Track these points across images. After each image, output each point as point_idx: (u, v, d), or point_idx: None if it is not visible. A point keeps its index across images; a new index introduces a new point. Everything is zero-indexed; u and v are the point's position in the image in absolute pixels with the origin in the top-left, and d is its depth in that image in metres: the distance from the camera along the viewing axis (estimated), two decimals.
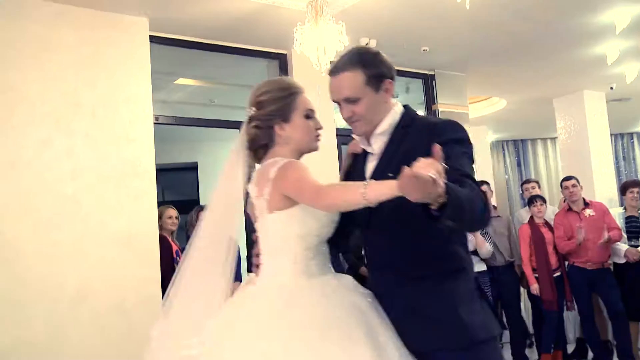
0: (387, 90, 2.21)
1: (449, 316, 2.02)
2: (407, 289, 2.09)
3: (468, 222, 1.97)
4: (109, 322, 5.16)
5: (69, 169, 5.18)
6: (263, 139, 2.29)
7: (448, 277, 2.07)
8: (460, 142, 2.07)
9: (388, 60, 2.23)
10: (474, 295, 2.11)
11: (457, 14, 5.80)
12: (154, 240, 5.48)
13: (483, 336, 2.04)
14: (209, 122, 6.60)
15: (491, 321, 2.11)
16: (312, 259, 2.19)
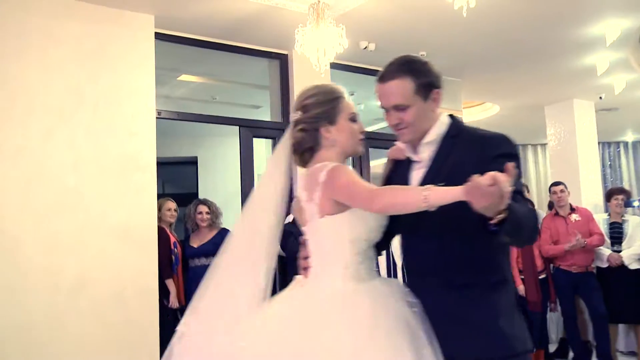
0: (435, 100, 2.18)
1: (491, 326, 2.00)
2: (450, 297, 2.05)
3: (523, 239, 2.00)
4: (107, 312, 5.12)
5: (71, 160, 5.14)
6: (309, 142, 2.26)
7: (492, 288, 2.06)
8: (511, 157, 1.97)
9: (436, 69, 2.21)
10: (514, 308, 2.10)
11: (455, 21, 5.79)
12: (152, 233, 5.44)
13: (520, 349, 2.03)
14: (210, 119, 6.57)
15: (527, 335, 2.09)
16: (361, 263, 2.15)
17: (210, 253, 5.56)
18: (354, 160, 7.28)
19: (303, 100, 2.30)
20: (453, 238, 2.05)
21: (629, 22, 6.62)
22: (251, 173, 6.48)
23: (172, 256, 5.57)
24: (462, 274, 2.05)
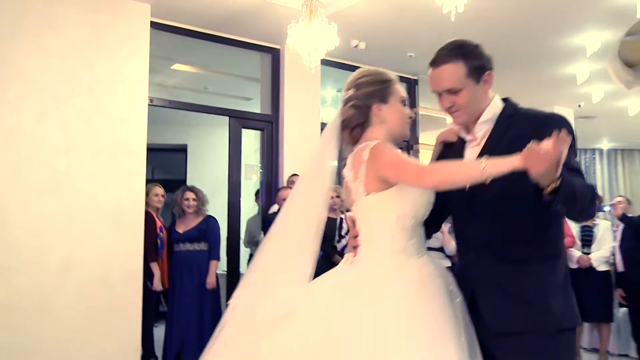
0: (487, 82, 2.16)
1: (539, 301, 1.99)
2: (503, 271, 2.04)
3: (578, 211, 1.95)
4: (93, 292, 5.10)
5: (63, 143, 5.10)
6: (360, 118, 2.24)
7: (545, 263, 2.04)
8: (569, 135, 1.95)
9: (487, 52, 2.19)
10: (566, 283, 2.08)
11: (442, 25, 5.76)
12: (139, 217, 5.41)
13: (566, 325, 2.02)
14: (201, 108, 6.54)
15: (575, 311, 2.07)
16: (409, 240, 2.13)
17: (195, 239, 5.57)
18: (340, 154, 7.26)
19: (357, 80, 2.29)
20: (506, 214, 2.04)
21: (608, 35, 6.69)
22: (239, 163, 6.45)
23: (157, 240, 5.54)
24: (515, 249, 2.04)
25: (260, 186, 6.82)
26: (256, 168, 6.99)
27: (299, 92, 6.64)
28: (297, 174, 6.15)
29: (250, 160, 7.33)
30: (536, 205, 1.90)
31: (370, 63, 7.34)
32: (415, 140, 7.84)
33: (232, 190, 6.39)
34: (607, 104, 9.04)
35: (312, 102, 6.75)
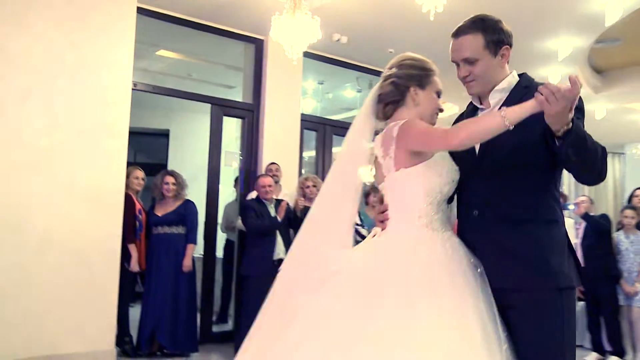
0: (504, 56, 2.20)
1: (539, 259, 2.02)
2: (505, 230, 2.07)
3: (589, 163, 1.95)
4: (70, 272, 5.06)
5: (46, 122, 5.03)
6: (395, 95, 2.27)
7: (543, 226, 2.07)
8: (578, 110, 1.98)
9: (508, 28, 2.22)
10: (564, 247, 2.10)
11: (422, 23, 5.78)
12: (119, 198, 5.37)
13: (565, 284, 2.04)
14: (184, 94, 6.48)
15: (573, 272, 2.10)
16: (435, 214, 2.16)
17: (173, 222, 5.53)
18: (316, 142, 7.26)
19: (402, 60, 2.31)
20: (510, 177, 2.09)
21: (580, 41, 6.78)
22: (219, 150, 6.41)
23: (136, 222, 5.49)
24: (517, 210, 2.07)
25: (239, 173, 6.79)
26: (236, 155, 6.95)
27: (280, 82, 6.61)
28: (275, 163, 6.14)
29: (231, 148, 7.29)
30: (540, 169, 2.01)
31: (351, 57, 7.38)
32: None
33: (211, 176, 6.35)
34: None
35: (293, 93, 6.73)
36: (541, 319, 2.01)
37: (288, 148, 6.61)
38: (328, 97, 8.91)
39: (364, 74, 7.82)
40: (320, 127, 7.29)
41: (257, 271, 5.38)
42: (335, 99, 9.00)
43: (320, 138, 7.28)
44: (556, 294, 2.03)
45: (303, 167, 7.12)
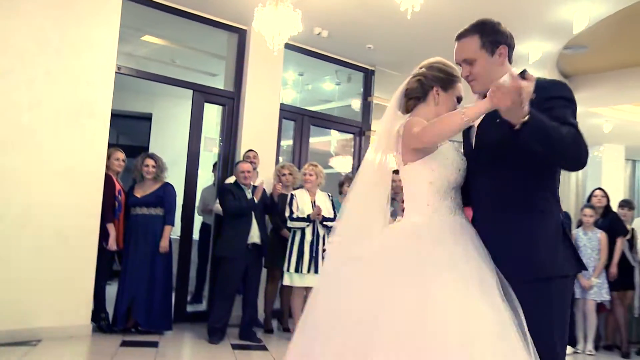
0: (502, 55, 2.25)
1: (525, 250, 2.08)
2: (498, 222, 2.16)
3: (558, 151, 1.97)
4: (49, 248, 5.03)
5: (27, 100, 4.97)
6: (419, 92, 2.41)
7: (534, 216, 2.12)
8: (563, 98, 2.08)
9: (507, 30, 2.29)
10: (556, 236, 2.12)
11: (400, 22, 5.79)
12: (99, 178, 5.33)
13: (551, 273, 2.08)
14: (167, 80, 6.41)
15: (566, 261, 2.12)
16: (443, 201, 2.27)
17: (152, 204, 5.50)
18: (294, 132, 7.27)
19: (431, 63, 2.46)
20: (503, 170, 2.17)
21: (549, 46, 6.87)
22: (199, 135, 6.38)
23: (115, 202, 5.44)
24: (509, 202, 2.15)
25: (218, 158, 6.77)
26: (216, 141, 6.92)
27: (261, 72, 6.59)
28: (253, 150, 6.13)
29: (211, 134, 7.26)
30: (530, 161, 2.06)
31: (332, 51, 7.38)
32: (368, 127, 7.89)
33: (190, 160, 6.32)
34: None
35: (274, 83, 6.71)
36: (530, 308, 2.02)
37: (266, 136, 6.60)
38: (307, 89, 8.90)
39: (343, 67, 7.83)
40: (299, 117, 7.29)
41: (232, 253, 5.40)
42: (314, 91, 8.99)
43: (298, 128, 7.28)
44: (543, 284, 2.06)
45: (280, 155, 7.12)
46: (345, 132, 8.09)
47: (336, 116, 7.98)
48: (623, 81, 8.49)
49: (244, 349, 5.16)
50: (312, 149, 7.70)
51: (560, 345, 2.11)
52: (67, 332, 5.07)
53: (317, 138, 8.53)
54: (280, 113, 6.83)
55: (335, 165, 8.93)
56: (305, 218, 5.50)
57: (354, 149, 7.97)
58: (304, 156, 7.24)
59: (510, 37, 2.30)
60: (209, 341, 5.30)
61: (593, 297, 6.20)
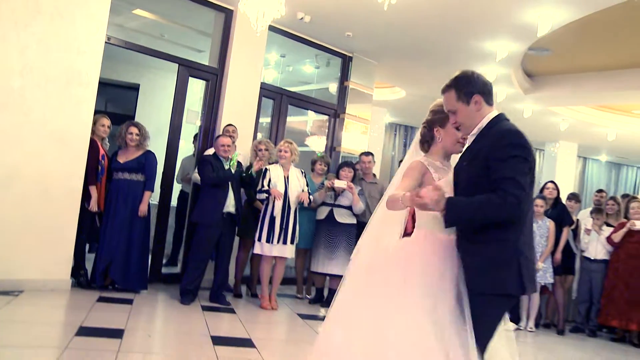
0: (477, 103, 2.44)
1: (477, 270, 2.35)
2: (464, 247, 2.44)
3: (483, 223, 2.31)
4: (33, 206, 5.00)
5: (19, 66, 4.90)
6: (427, 136, 2.76)
7: (491, 244, 2.33)
8: (514, 147, 2.29)
9: (481, 79, 2.48)
10: (509, 261, 2.30)
11: (378, 13, 5.82)
12: (85, 142, 5.28)
13: (487, 291, 2.33)
14: (154, 53, 6.32)
15: (506, 282, 2.31)
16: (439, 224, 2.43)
17: (134, 170, 5.46)
18: (273, 110, 7.24)
19: (432, 109, 2.76)
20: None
21: (515, 46, 6.93)
22: (182, 107, 6.33)
23: (98, 166, 5.39)
24: (473, 232, 2.38)
25: (199, 131, 6.72)
26: (198, 114, 6.87)
27: (245, 51, 6.53)
28: (233, 124, 6.10)
29: (194, 107, 7.19)
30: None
31: (313, 36, 7.34)
32: (343, 110, 7.90)
33: (172, 130, 6.28)
34: (507, 105, 9.37)
35: (256, 62, 6.67)
36: (474, 314, 2.35)
37: (246, 112, 6.57)
38: (288, 70, 8.87)
39: (323, 52, 7.80)
40: (278, 96, 7.27)
41: (207, 220, 5.41)
42: (294, 72, 8.96)
43: (277, 106, 7.26)
44: (480, 298, 2.34)
45: (258, 131, 7.10)
46: (321, 113, 8.10)
47: (314, 98, 7.99)
48: (580, 84, 8.62)
49: (213, 311, 5.20)
50: (289, 127, 7.70)
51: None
52: (48, 286, 5.06)
53: (294, 117, 8.54)
54: (261, 91, 6.81)
55: (311, 144, 8.95)
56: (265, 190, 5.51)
57: (328, 129, 7.99)
58: (281, 133, 7.23)
59: (484, 84, 2.47)
60: (180, 302, 5.33)
61: (538, 279, 6.34)
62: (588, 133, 11.55)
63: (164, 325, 4.72)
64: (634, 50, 7.52)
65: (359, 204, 6.12)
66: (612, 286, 6.42)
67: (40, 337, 3.80)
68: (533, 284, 2.37)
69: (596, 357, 5.53)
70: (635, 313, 6.21)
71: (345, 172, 6.10)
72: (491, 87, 2.50)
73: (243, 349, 4.03)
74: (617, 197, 7.30)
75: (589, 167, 14.91)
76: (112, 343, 3.72)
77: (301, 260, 6.47)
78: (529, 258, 2.36)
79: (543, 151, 13.47)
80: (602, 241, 6.59)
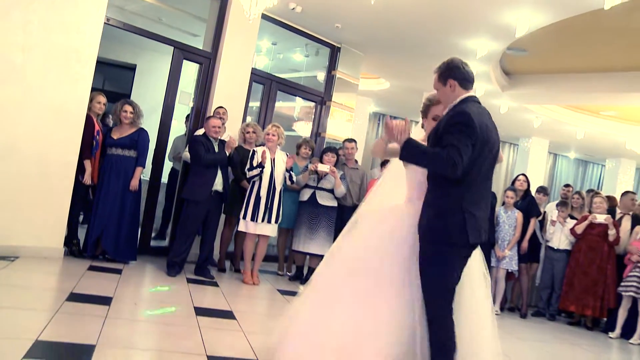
0: (452, 86, 2.80)
1: (428, 220, 2.71)
2: (424, 201, 2.78)
3: (430, 167, 2.73)
4: (31, 176, 5.01)
5: (22, 42, 4.87)
6: (423, 124, 3.16)
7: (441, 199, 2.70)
8: (456, 122, 2.62)
9: (459, 67, 2.81)
10: (451, 212, 2.65)
11: (366, 8, 5.84)
12: (81, 118, 5.27)
13: (435, 238, 2.67)
14: (151, 35, 6.26)
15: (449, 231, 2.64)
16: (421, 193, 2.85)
17: (126, 146, 5.46)
18: (263, 95, 7.24)
19: (423, 101, 3.13)
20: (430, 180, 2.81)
21: (495, 45, 6.98)
22: (175, 88, 6.31)
23: (93, 141, 5.38)
24: (429, 192, 2.78)
25: (190, 111, 6.71)
26: (190, 95, 6.84)
27: (238, 37, 6.51)
28: (223, 107, 6.10)
29: (187, 88, 7.16)
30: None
31: (304, 26, 7.34)
32: (329, 98, 7.92)
33: (165, 110, 6.26)
34: (485, 100, 9.21)
35: (248, 48, 6.65)
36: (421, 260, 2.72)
37: (237, 96, 6.57)
38: (279, 57, 8.84)
39: (312, 42, 7.80)
40: (268, 82, 7.26)
41: (196, 197, 5.43)
42: (284, 60, 8.94)
43: (266, 91, 7.26)
44: (426, 245, 2.69)
45: (248, 114, 7.10)
46: (308, 100, 8.11)
47: (302, 85, 7.99)
48: (553, 85, 8.71)
49: (198, 283, 5.24)
50: (277, 112, 7.71)
51: (428, 293, 2.68)
52: (42, 253, 5.08)
53: (282, 103, 8.53)
54: (252, 76, 6.80)
55: (298, 129, 8.95)
56: (259, 165, 5.52)
57: (314, 115, 8.01)
58: (269, 117, 7.24)
59: (461, 72, 2.80)
60: (167, 273, 5.36)
61: (504, 266, 6.45)
62: (559, 131, 11.68)
63: (150, 294, 4.75)
64: (603, 56, 7.63)
65: (341, 187, 6.17)
66: (572, 274, 6.57)
67: (33, 300, 3.84)
68: (477, 237, 2.66)
69: (554, 339, 5.68)
70: (591, 299, 6.38)
71: (328, 156, 6.14)
72: (468, 75, 2.81)
73: (224, 320, 4.08)
74: (582, 192, 7.43)
75: (558, 163, 15.10)
76: (100, 309, 3.76)
77: (283, 239, 6.51)
78: (476, 215, 2.66)
79: (517, 146, 13.59)
80: (566, 232, 6.73)
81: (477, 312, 2.87)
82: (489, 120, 2.78)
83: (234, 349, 3.38)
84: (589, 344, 5.65)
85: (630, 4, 5.33)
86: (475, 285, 2.88)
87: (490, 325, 2.93)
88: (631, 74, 7.83)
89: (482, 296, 2.92)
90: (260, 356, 3.29)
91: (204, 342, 3.38)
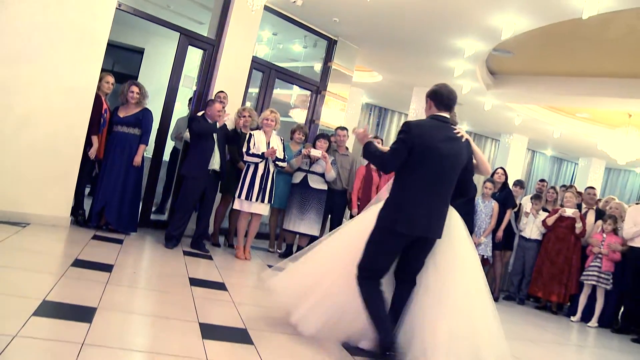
0: (429, 105, 3.31)
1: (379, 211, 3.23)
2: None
3: (375, 164, 3.36)
4: (41, 150, 5.05)
5: (38, 21, 4.88)
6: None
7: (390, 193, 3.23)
8: (400, 131, 3.18)
9: (439, 94, 3.23)
10: (389, 204, 3.18)
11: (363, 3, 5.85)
12: (90, 96, 5.29)
13: (376, 224, 3.19)
14: (159, 21, 6.26)
15: (385, 219, 3.15)
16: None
17: (132, 124, 5.48)
18: (262, 82, 7.25)
19: None
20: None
21: (482, 45, 7.00)
22: (180, 72, 6.32)
23: (101, 119, 5.40)
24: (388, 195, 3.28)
25: (193, 94, 6.72)
26: (193, 80, 6.84)
27: (240, 26, 6.51)
28: (223, 91, 6.12)
29: (191, 73, 7.16)
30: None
31: (303, 19, 7.34)
32: (324, 88, 7.93)
33: (170, 92, 6.28)
34: (471, 97, 9.48)
35: (250, 37, 6.64)
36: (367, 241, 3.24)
37: (237, 81, 6.58)
38: (279, 47, 8.83)
39: (311, 34, 7.80)
40: (267, 70, 7.27)
41: (194, 173, 5.46)
42: (284, 50, 8.93)
43: (265, 78, 7.27)
44: (374, 228, 3.21)
45: (247, 100, 7.11)
46: (305, 89, 8.12)
47: (299, 74, 8.00)
48: (535, 86, 8.76)
49: (193, 256, 5.30)
50: (274, 98, 7.73)
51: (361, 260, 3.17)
52: (50, 221, 5.13)
53: (280, 90, 8.55)
54: (252, 64, 6.81)
55: (293, 116, 8.98)
56: (260, 155, 5.56)
57: (309, 104, 8.03)
58: (267, 103, 7.26)
59: (437, 95, 3.24)
60: (165, 245, 5.42)
61: (480, 252, 6.50)
62: (538, 129, 11.77)
63: (148, 264, 4.81)
64: (580, 62, 7.69)
65: (331, 172, 6.22)
66: (541, 263, 6.69)
67: (41, 264, 3.90)
68: (406, 228, 3.06)
69: (522, 321, 5.80)
70: (556, 286, 6.52)
71: (321, 142, 6.19)
72: (444, 100, 3.22)
73: (216, 291, 4.15)
74: (556, 187, 7.52)
75: (536, 159, 15.22)
76: (102, 275, 3.83)
77: (275, 218, 6.57)
78: (410, 211, 3.09)
79: (498, 141, 13.67)
80: (538, 224, 6.83)
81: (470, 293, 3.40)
82: (442, 133, 3.16)
83: (224, 318, 3.46)
84: (552, 326, 5.79)
85: (606, 16, 5.38)
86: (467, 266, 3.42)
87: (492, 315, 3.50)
88: (605, 79, 7.91)
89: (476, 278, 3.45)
90: (249, 325, 3.38)
91: (197, 310, 3.46)
